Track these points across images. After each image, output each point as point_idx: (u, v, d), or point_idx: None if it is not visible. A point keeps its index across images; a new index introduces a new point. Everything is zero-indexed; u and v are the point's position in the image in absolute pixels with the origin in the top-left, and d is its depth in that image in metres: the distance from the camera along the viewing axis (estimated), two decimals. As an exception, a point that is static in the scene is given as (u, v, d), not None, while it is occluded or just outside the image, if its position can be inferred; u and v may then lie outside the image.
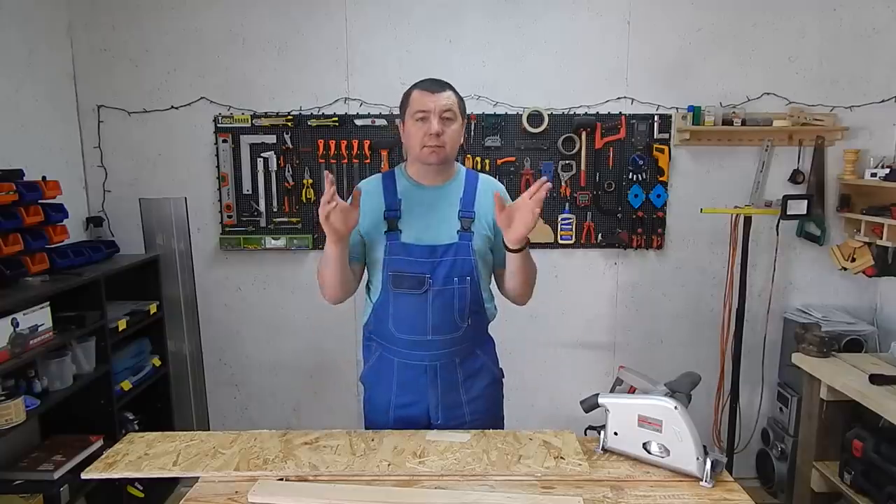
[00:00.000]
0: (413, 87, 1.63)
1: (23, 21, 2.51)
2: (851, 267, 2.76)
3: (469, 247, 1.64)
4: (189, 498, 1.37)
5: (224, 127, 2.83)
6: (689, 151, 2.88)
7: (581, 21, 2.79)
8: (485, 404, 1.77)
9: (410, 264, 1.62)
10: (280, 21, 2.78)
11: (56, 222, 2.36)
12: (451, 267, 1.62)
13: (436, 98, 1.58)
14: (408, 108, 1.62)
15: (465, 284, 1.64)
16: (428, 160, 1.61)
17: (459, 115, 1.63)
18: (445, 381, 1.70)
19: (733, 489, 1.40)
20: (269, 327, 3.01)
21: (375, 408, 1.76)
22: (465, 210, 1.66)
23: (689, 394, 1.54)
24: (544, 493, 1.36)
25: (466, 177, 1.71)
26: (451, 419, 1.72)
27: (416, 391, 1.70)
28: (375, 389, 1.76)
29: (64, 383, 2.24)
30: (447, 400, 1.71)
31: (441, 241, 1.63)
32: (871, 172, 2.63)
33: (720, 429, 2.97)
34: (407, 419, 1.71)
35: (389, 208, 1.64)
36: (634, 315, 3.02)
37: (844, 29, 2.77)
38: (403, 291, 1.63)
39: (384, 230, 1.63)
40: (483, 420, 1.74)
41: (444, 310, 1.64)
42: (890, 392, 2.10)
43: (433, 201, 1.66)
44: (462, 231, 1.64)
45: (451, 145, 1.61)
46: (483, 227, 1.66)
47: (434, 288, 1.62)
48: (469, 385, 1.73)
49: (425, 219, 1.64)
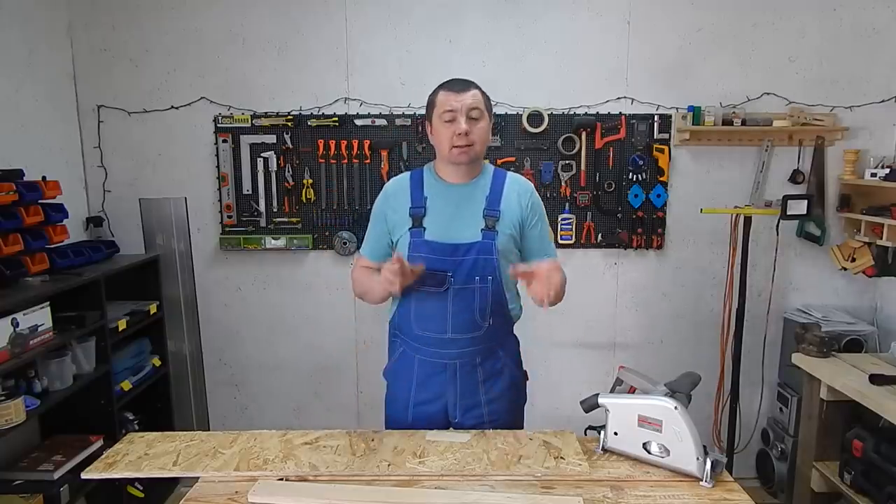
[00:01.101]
0: (438, 87, 1.64)
1: (23, 21, 2.51)
2: (851, 267, 2.76)
3: (492, 245, 1.63)
4: (189, 498, 1.37)
5: (224, 127, 2.83)
6: (689, 151, 2.88)
7: (581, 21, 2.79)
8: (505, 406, 1.76)
9: (433, 262, 1.61)
10: (280, 21, 2.78)
11: (56, 222, 2.36)
12: (473, 265, 1.62)
13: (461, 97, 1.59)
14: (434, 110, 1.63)
15: (487, 284, 1.63)
16: (458, 160, 1.62)
17: (486, 113, 1.63)
18: (465, 380, 1.70)
19: (733, 489, 1.40)
20: (269, 327, 3.01)
21: (396, 403, 1.77)
22: (490, 208, 1.65)
23: (689, 394, 1.54)
24: (544, 493, 1.36)
25: (494, 175, 1.71)
26: (471, 418, 1.72)
27: (434, 388, 1.71)
28: (396, 385, 1.77)
29: (64, 383, 2.24)
30: (466, 399, 1.71)
31: (464, 240, 1.62)
32: (871, 172, 2.63)
33: (720, 429, 2.97)
34: (426, 416, 1.72)
35: (415, 205, 1.65)
36: (634, 315, 3.02)
37: (844, 29, 2.77)
38: (425, 289, 1.63)
39: (409, 227, 1.64)
40: (502, 421, 1.74)
41: (465, 309, 1.64)
42: (890, 392, 2.10)
43: (459, 199, 1.66)
44: (486, 230, 1.63)
45: (480, 143, 1.62)
46: (508, 225, 1.66)
47: (455, 286, 1.62)
48: (489, 385, 1.73)
49: (450, 216, 1.65)
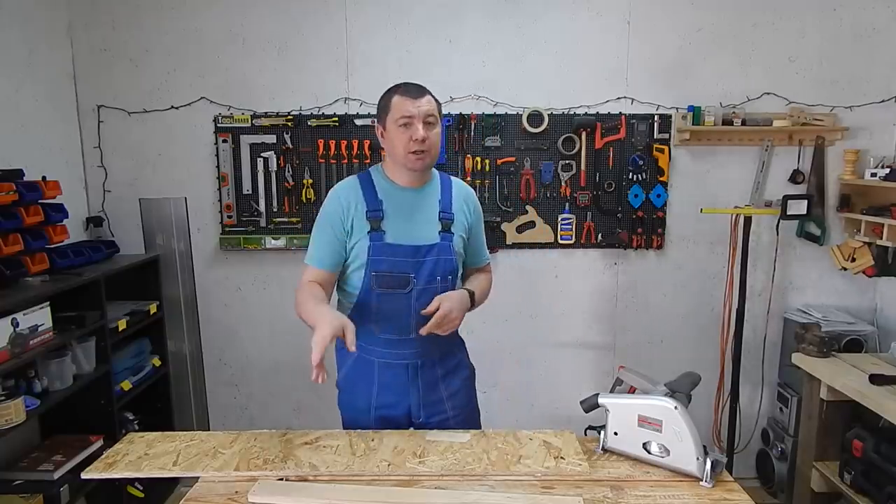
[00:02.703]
0: (391, 91, 1.63)
1: (23, 21, 2.51)
2: (851, 267, 2.76)
3: (450, 247, 1.68)
4: (189, 498, 1.37)
5: (224, 127, 2.83)
6: (689, 151, 2.88)
7: (581, 21, 2.79)
8: (464, 399, 1.81)
9: (395, 264, 1.63)
10: (280, 21, 2.78)
11: (56, 222, 2.36)
12: (434, 266, 1.65)
13: (418, 103, 1.59)
14: (388, 114, 1.62)
15: (447, 283, 1.68)
16: (414, 167, 1.63)
17: (439, 120, 1.65)
18: (426, 378, 1.73)
19: (733, 489, 1.40)
20: (269, 327, 3.01)
21: (355, 410, 1.76)
22: (444, 212, 1.70)
23: (689, 394, 1.54)
24: (544, 493, 1.36)
25: (441, 179, 1.75)
26: (434, 415, 1.74)
27: (397, 391, 1.72)
28: (354, 392, 1.75)
29: (64, 383, 2.24)
30: (428, 397, 1.73)
31: (424, 241, 1.65)
32: (871, 172, 2.63)
33: (720, 429, 2.97)
34: (388, 419, 1.72)
35: (372, 209, 1.65)
36: (634, 315, 3.01)
37: (844, 29, 2.77)
38: (387, 291, 1.64)
39: (367, 230, 1.64)
40: (464, 414, 1.79)
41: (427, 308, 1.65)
42: (890, 392, 2.10)
43: (415, 203, 1.68)
44: (443, 232, 1.68)
45: (435, 150, 1.64)
46: (459, 228, 1.72)
47: (418, 287, 1.64)
48: (448, 381, 1.77)
49: (408, 219, 1.66)
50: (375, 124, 1.70)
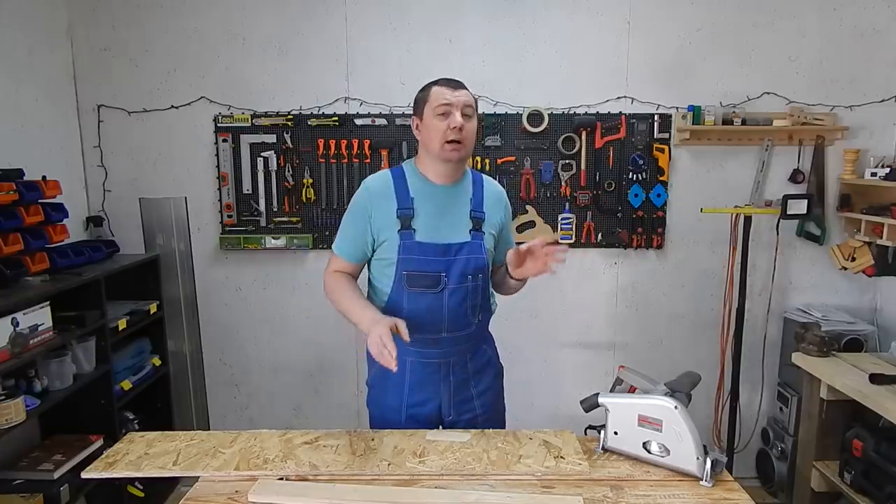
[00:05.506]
0: (431, 83, 1.64)
1: (23, 21, 2.51)
2: (851, 267, 2.76)
3: (481, 245, 1.67)
4: (189, 498, 1.37)
5: (224, 126, 2.83)
6: (689, 151, 2.88)
7: (581, 20, 2.79)
8: (493, 397, 1.81)
9: (426, 263, 1.62)
10: (280, 21, 2.78)
11: (56, 222, 2.36)
12: (465, 265, 1.64)
13: (457, 94, 1.60)
14: (427, 104, 1.62)
15: (478, 282, 1.67)
16: (450, 157, 1.61)
17: (476, 114, 1.65)
18: (457, 376, 1.73)
19: (733, 489, 1.40)
20: (269, 327, 3.01)
21: (386, 408, 1.76)
22: (476, 210, 1.68)
23: (689, 393, 1.54)
24: (544, 493, 1.36)
25: (473, 177, 1.74)
26: (463, 413, 1.74)
27: (429, 389, 1.72)
28: (385, 390, 1.75)
29: (64, 383, 2.24)
30: (459, 395, 1.74)
31: (455, 240, 1.64)
32: (871, 172, 2.63)
33: (720, 428, 2.97)
34: (419, 417, 1.72)
35: (403, 206, 1.63)
36: (634, 315, 3.01)
37: (844, 29, 2.77)
38: (418, 290, 1.63)
39: (397, 229, 1.63)
40: (492, 413, 1.79)
41: (459, 307, 1.66)
42: (890, 392, 2.10)
43: (446, 200, 1.67)
44: (474, 230, 1.67)
45: (470, 143, 1.63)
46: (490, 226, 1.71)
47: (450, 286, 1.63)
48: (478, 379, 1.77)
49: (439, 217, 1.65)
50: (412, 118, 1.69)
